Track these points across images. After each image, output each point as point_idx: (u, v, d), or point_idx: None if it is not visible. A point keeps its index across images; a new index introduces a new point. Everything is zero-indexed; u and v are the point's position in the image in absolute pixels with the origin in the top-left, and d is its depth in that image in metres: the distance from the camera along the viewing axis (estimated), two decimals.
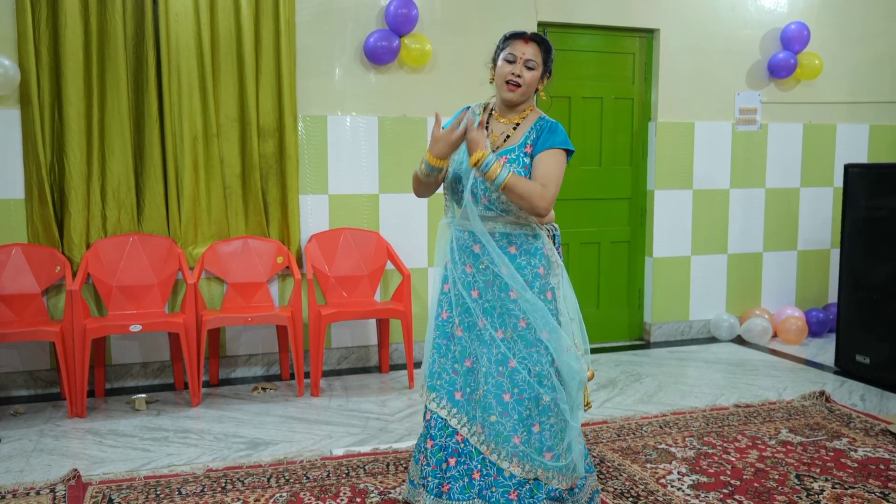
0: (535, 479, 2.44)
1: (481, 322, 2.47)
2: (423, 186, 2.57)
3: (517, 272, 2.45)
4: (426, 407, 2.56)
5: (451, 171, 2.53)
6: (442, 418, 2.51)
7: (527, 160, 2.46)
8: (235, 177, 4.47)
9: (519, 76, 2.45)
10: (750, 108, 5.64)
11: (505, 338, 2.46)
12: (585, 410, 2.54)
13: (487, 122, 2.57)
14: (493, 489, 2.42)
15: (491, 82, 2.56)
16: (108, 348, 4.35)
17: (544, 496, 2.45)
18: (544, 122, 2.52)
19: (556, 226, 2.65)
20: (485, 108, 2.62)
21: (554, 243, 2.59)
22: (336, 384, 4.49)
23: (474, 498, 2.43)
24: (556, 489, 2.47)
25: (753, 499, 2.93)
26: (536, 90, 2.55)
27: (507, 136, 2.52)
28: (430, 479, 2.49)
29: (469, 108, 2.62)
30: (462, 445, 2.48)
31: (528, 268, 2.47)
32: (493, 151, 2.45)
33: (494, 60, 2.56)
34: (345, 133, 4.69)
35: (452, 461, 2.48)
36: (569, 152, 2.52)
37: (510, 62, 2.47)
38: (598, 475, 3.11)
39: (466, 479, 2.45)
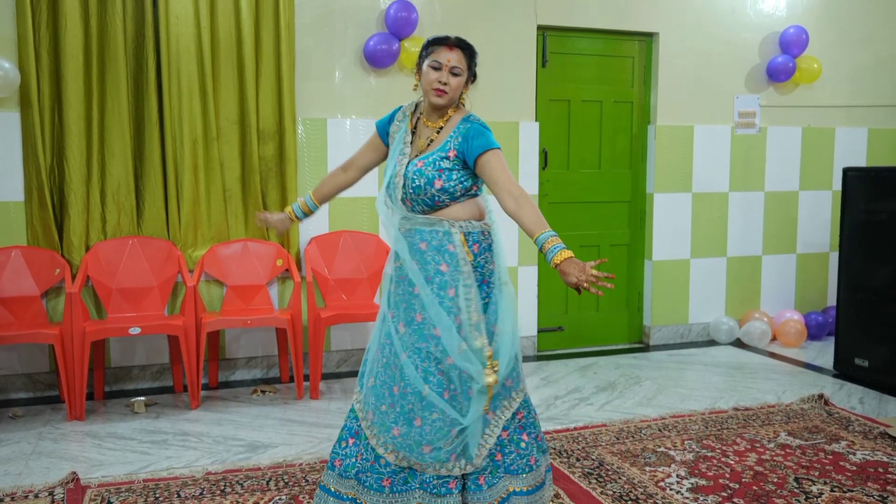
0: (410, 469, 2.49)
1: (391, 314, 2.56)
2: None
3: (423, 267, 2.50)
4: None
5: (386, 175, 2.64)
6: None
7: (445, 164, 2.49)
8: (235, 179, 4.48)
9: (445, 83, 2.49)
10: (749, 112, 5.65)
11: (405, 332, 2.52)
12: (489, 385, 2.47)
13: (415, 127, 2.63)
14: (369, 474, 2.49)
15: (415, 88, 2.61)
16: (108, 351, 4.35)
17: (418, 485, 2.48)
18: (467, 126, 2.53)
19: (489, 223, 2.64)
20: (414, 110, 2.69)
21: (469, 240, 2.56)
22: (335, 387, 4.49)
23: (352, 478, 2.52)
24: (434, 479, 2.48)
25: (752, 502, 2.93)
26: (462, 94, 2.61)
27: (431, 141, 2.57)
28: (330, 454, 2.60)
29: (401, 107, 2.71)
30: (359, 428, 2.58)
31: (433, 263, 2.51)
32: (418, 155, 2.54)
33: (419, 66, 2.57)
34: (344, 136, 4.69)
35: (351, 440, 2.57)
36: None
37: (436, 69, 2.50)
38: (596, 477, 3.12)
39: (352, 459, 2.54)
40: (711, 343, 5.64)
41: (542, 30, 5.12)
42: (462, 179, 2.51)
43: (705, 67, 5.49)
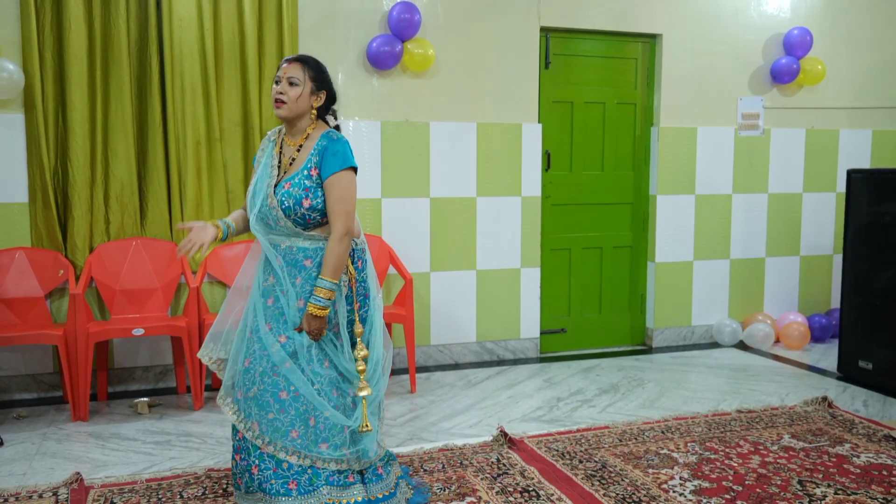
0: (312, 467, 2.57)
1: (268, 326, 2.61)
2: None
3: (308, 283, 2.59)
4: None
5: (250, 198, 2.70)
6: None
7: (309, 182, 2.57)
8: (238, 181, 4.48)
9: (282, 93, 2.60)
10: (752, 114, 5.64)
11: (286, 342, 2.59)
12: (361, 431, 2.60)
13: (281, 148, 2.71)
14: (273, 481, 2.54)
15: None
16: (111, 352, 4.36)
17: (324, 482, 2.57)
18: (325, 144, 2.62)
19: (361, 240, 2.77)
20: (279, 133, 2.76)
21: (353, 257, 2.69)
22: None
23: (256, 491, 2.57)
24: (336, 474, 2.59)
25: None
26: (316, 109, 2.68)
27: (293, 160, 2.66)
28: (233, 475, 2.70)
29: (269, 133, 2.81)
30: (242, 441, 2.63)
31: (312, 279, 2.60)
32: (284, 176, 2.62)
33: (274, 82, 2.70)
34: (347, 138, 4.68)
35: (238, 457, 2.64)
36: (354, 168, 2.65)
37: (276, 83, 2.63)
38: (599, 479, 3.12)
39: (248, 474, 2.59)
40: (714, 345, 5.63)
41: (545, 31, 5.12)
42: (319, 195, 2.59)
43: (709, 69, 5.49)
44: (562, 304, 5.44)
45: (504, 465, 3.27)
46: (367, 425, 2.58)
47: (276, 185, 2.62)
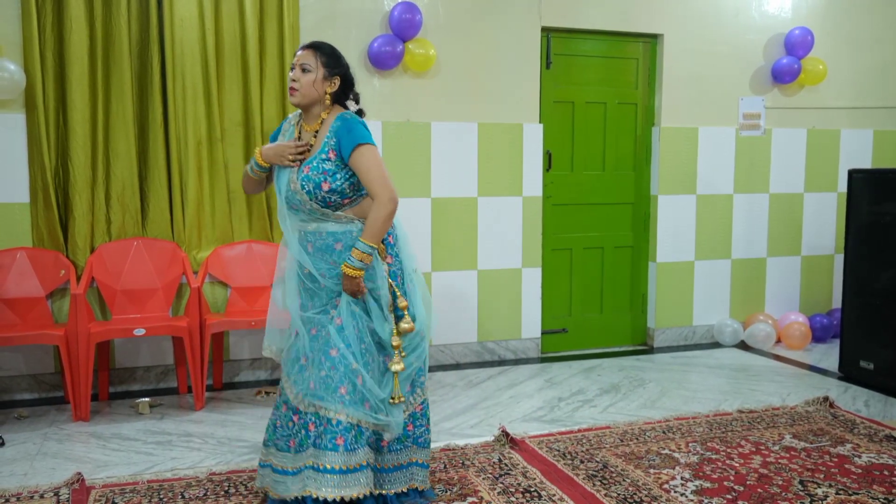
0: (358, 426, 2.65)
1: (309, 305, 2.76)
2: (253, 183, 2.91)
3: (340, 265, 2.68)
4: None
5: (276, 185, 2.78)
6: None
7: (327, 166, 2.65)
8: (239, 181, 4.47)
9: (295, 80, 2.67)
10: (753, 114, 5.64)
11: (337, 306, 2.73)
12: (392, 402, 2.71)
13: (299, 134, 2.78)
14: (324, 437, 2.62)
15: None
16: (112, 352, 4.36)
17: (364, 443, 2.66)
18: (340, 124, 2.69)
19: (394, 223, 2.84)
20: (299, 118, 2.83)
21: (392, 230, 2.82)
22: None
23: (309, 446, 2.65)
24: (374, 436, 2.71)
25: None
26: (330, 94, 2.73)
27: (311, 146, 2.73)
28: (280, 439, 2.75)
29: (288, 118, 2.89)
30: (296, 411, 2.74)
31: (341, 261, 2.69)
32: (302, 162, 2.70)
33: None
34: None
35: (296, 418, 2.72)
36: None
37: (291, 71, 2.71)
38: (600, 480, 3.12)
39: (304, 432, 2.68)
40: (715, 345, 5.63)
41: (546, 31, 5.12)
42: (347, 177, 2.67)
43: (710, 69, 5.48)
44: (563, 304, 5.44)
45: (506, 465, 3.27)
46: (399, 397, 2.69)
47: (297, 171, 2.70)
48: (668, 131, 5.44)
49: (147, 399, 4.12)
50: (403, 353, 2.72)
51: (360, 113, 2.81)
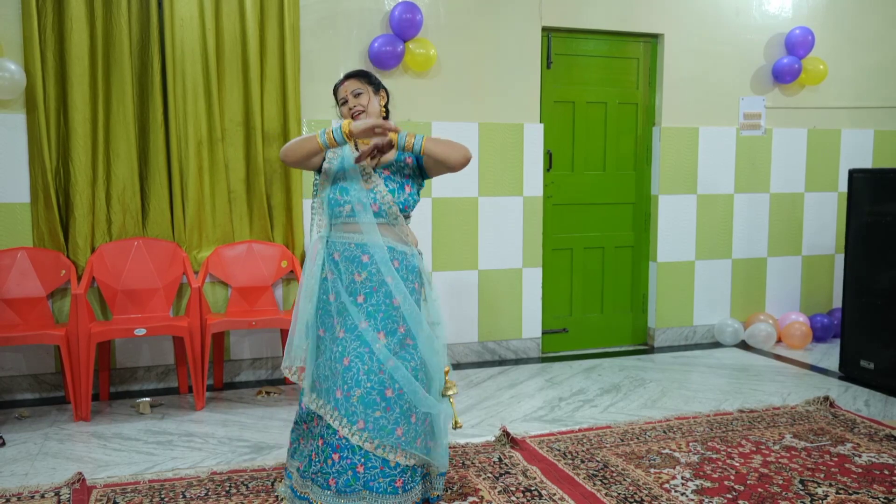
0: (414, 466, 2.67)
1: (363, 324, 2.66)
2: (310, 155, 2.73)
3: (398, 282, 2.69)
4: (304, 404, 2.75)
5: (330, 188, 2.74)
6: (320, 416, 2.67)
7: (407, 171, 2.77)
8: (240, 181, 4.49)
9: (355, 106, 2.79)
10: (754, 113, 5.64)
11: (387, 340, 2.67)
12: (455, 428, 2.77)
13: (356, 147, 2.79)
14: (381, 479, 2.59)
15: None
16: (113, 352, 4.36)
17: (420, 479, 2.71)
18: (405, 134, 2.71)
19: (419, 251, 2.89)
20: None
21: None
22: None
23: (360, 489, 2.59)
24: (422, 469, 2.76)
25: None
26: (384, 106, 2.87)
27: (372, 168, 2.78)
28: (318, 475, 2.65)
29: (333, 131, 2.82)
30: (343, 441, 2.62)
31: (407, 281, 2.73)
32: (374, 168, 2.74)
33: (340, 113, 2.89)
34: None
35: (336, 456, 2.61)
36: None
37: (345, 103, 2.83)
38: (601, 479, 3.12)
39: (351, 473, 2.60)
40: (716, 345, 5.63)
41: (547, 31, 5.12)
42: (418, 188, 2.80)
43: (710, 69, 5.48)
44: (563, 303, 5.44)
45: (506, 464, 3.27)
46: (457, 423, 2.74)
47: (372, 182, 2.72)
48: (669, 131, 5.44)
49: (148, 399, 4.13)
50: (453, 382, 2.77)
51: None
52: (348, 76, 2.85)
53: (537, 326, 5.26)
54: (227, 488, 3.04)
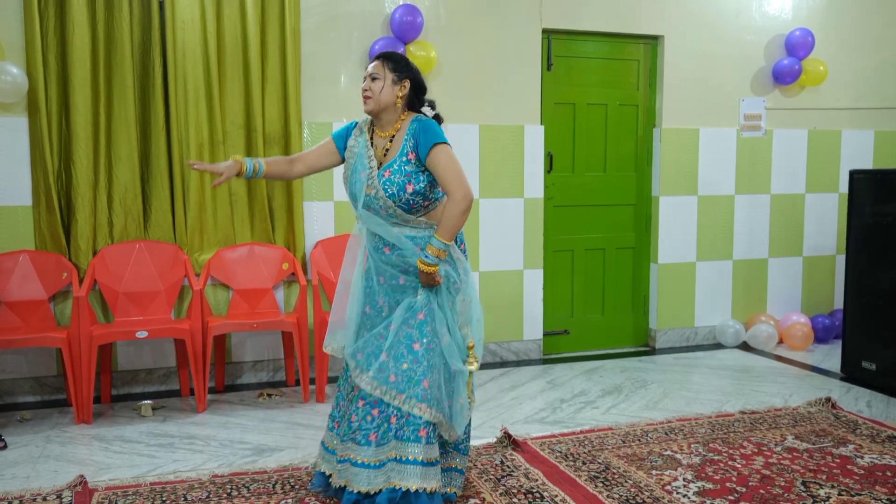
0: (436, 425, 2.72)
1: (380, 301, 2.83)
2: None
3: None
4: (350, 375, 2.87)
5: (349, 191, 2.85)
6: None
7: (409, 168, 2.71)
8: (241, 184, 4.49)
9: (367, 89, 2.77)
10: (754, 115, 5.64)
11: (419, 298, 2.77)
12: (470, 404, 2.81)
13: (371, 140, 2.84)
14: (406, 429, 2.67)
15: None
16: (115, 354, 4.37)
17: (437, 438, 2.76)
18: (416, 125, 2.75)
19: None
20: (370, 126, 2.88)
21: (457, 241, 2.86)
22: None
23: (392, 440, 2.69)
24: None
25: None
26: (401, 98, 2.80)
27: (387, 150, 2.79)
28: (358, 433, 2.75)
29: (357, 122, 2.92)
30: (379, 400, 2.76)
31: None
32: (378, 167, 2.76)
33: None
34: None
35: (376, 412, 2.75)
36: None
37: (363, 82, 2.80)
38: (602, 481, 3.12)
39: (386, 425, 2.72)
40: (717, 346, 5.63)
41: (547, 33, 5.13)
42: (429, 179, 2.73)
43: (711, 70, 5.49)
44: (565, 305, 5.44)
45: (508, 466, 3.27)
46: (471, 398, 2.78)
47: (376, 176, 2.74)
48: (670, 132, 5.45)
49: (149, 401, 4.13)
50: (476, 357, 2.77)
51: (437, 118, 2.85)
52: (377, 56, 2.82)
53: (538, 328, 5.26)
54: (229, 491, 3.04)
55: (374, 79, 2.76)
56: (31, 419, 3.95)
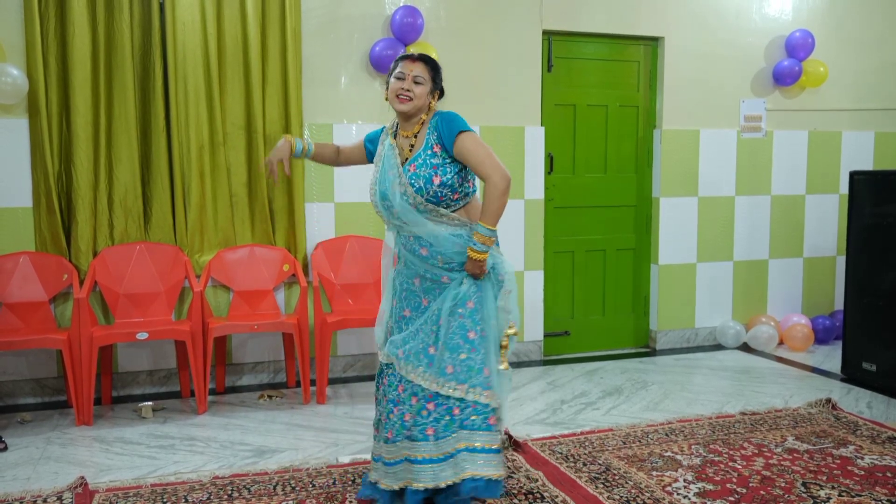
0: (496, 410, 2.69)
1: (424, 301, 2.78)
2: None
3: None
4: (390, 371, 2.80)
5: (377, 191, 2.79)
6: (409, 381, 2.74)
7: (435, 160, 2.68)
8: (242, 185, 4.49)
9: (408, 90, 2.71)
10: (755, 116, 5.64)
11: (465, 288, 2.73)
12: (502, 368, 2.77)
13: (394, 138, 2.83)
14: (475, 417, 2.63)
15: (386, 99, 2.80)
16: (115, 356, 4.37)
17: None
18: (438, 118, 2.76)
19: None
20: (395, 127, 2.87)
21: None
22: (342, 392, 4.49)
23: (457, 430, 2.63)
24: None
25: None
26: (430, 106, 2.81)
27: (412, 146, 2.77)
28: (413, 430, 2.69)
29: (384, 127, 2.93)
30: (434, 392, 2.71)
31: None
32: (403, 164, 2.73)
33: (387, 82, 2.79)
34: (350, 141, 4.66)
35: (431, 405, 2.68)
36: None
37: (400, 79, 2.73)
38: (603, 482, 3.12)
39: (447, 417, 2.66)
40: (718, 347, 5.63)
41: (548, 34, 5.13)
42: (456, 170, 2.69)
43: (711, 71, 5.49)
44: (565, 306, 5.44)
45: (509, 467, 3.27)
46: (505, 362, 2.75)
47: (402, 172, 2.71)
48: (670, 133, 5.45)
49: (150, 403, 4.13)
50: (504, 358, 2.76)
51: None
52: (420, 58, 2.76)
53: (539, 329, 5.26)
54: (230, 492, 3.04)
55: (417, 82, 2.71)
56: (32, 421, 3.95)
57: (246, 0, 4.35)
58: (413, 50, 4.64)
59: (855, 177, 4.82)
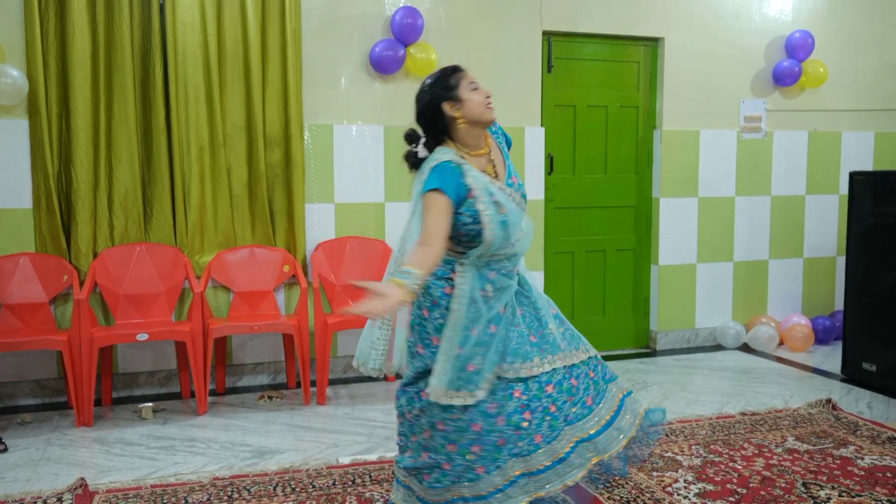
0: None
1: (518, 326, 2.63)
2: None
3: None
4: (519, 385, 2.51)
5: (506, 231, 2.48)
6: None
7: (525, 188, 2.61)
8: (242, 186, 4.49)
9: (489, 97, 2.51)
10: (755, 116, 5.64)
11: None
12: None
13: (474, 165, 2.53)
14: (606, 371, 2.66)
15: (461, 124, 2.49)
16: (115, 357, 4.37)
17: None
18: (495, 130, 2.65)
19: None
20: (460, 156, 2.53)
21: None
22: (342, 392, 4.49)
23: (607, 384, 2.61)
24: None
25: None
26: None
27: (494, 163, 2.54)
28: (574, 408, 2.51)
29: (450, 163, 2.48)
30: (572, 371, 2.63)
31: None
32: (501, 189, 2.48)
33: (453, 99, 2.50)
34: (351, 142, 4.70)
35: (574, 381, 2.56)
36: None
37: (476, 90, 2.51)
38: (604, 483, 3.12)
39: (590, 378, 2.61)
40: (718, 348, 5.63)
41: (548, 35, 5.13)
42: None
43: (711, 72, 5.49)
44: (565, 307, 5.43)
45: None
46: None
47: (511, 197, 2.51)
48: (670, 134, 5.45)
49: (150, 404, 4.13)
50: None
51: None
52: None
53: None
54: (230, 493, 3.04)
55: (488, 96, 2.52)
56: (32, 422, 3.95)
57: (246, 1, 4.36)
58: (413, 51, 4.65)
59: (855, 177, 4.82)
